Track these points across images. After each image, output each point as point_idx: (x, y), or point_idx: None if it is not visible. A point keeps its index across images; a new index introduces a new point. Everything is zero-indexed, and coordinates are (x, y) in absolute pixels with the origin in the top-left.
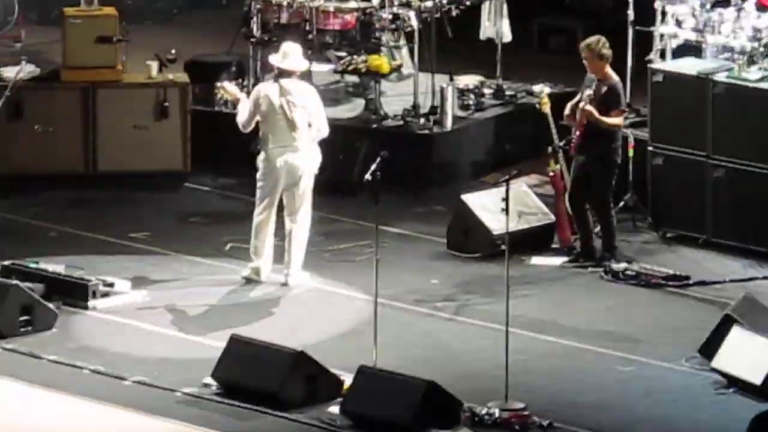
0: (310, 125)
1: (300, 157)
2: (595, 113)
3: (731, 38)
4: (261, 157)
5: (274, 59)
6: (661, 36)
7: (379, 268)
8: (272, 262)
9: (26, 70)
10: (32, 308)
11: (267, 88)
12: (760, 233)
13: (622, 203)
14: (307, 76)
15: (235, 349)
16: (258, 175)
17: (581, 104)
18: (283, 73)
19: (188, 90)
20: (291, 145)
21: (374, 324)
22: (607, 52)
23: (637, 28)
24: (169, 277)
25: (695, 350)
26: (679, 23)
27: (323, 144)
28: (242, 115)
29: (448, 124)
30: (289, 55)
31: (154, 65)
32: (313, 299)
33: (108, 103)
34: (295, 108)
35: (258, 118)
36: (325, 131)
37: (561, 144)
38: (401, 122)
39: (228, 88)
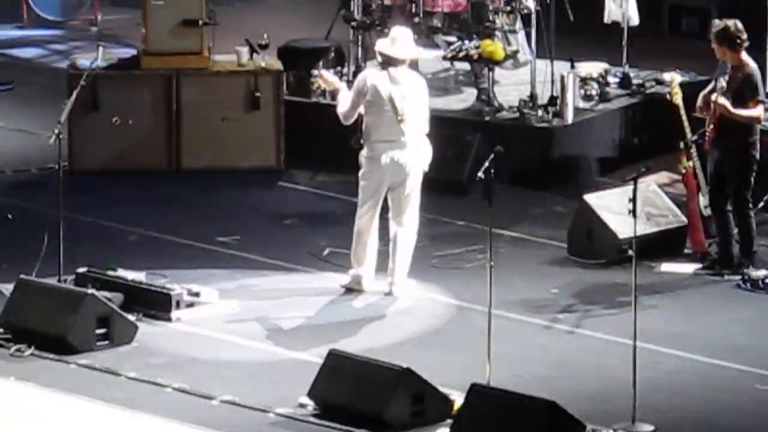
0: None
1: (408, 153)
2: (729, 106)
3: None
4: (364, 153)
5: (382, 45)
6: None
7: (493, 276)
8: (375, 270)
9: (103, 57)
10: (110, 320)
11: (373, 76)
12: None
13: (761, 204)
14: (414, 63)
15: (334, 366)
16: (360, 173)
17: (714, 96)
18: (391, 61)
19: (281, 78)
20: (398, 140)
21: (488, 337)
22: (742, 36)
23: None
24: (261, 285)
25: None
26: None
27: (431, 138)
28: (343, 106)
29: (569, 116)
30: (399, 41)
31: (244, 51)
32: (419, 310)
33: (193, 93)
34: (404, 99)
35: (361, 109)
36: (426, 128)
37: (694, 138)
38: (517, 114)
39: (326, 76)
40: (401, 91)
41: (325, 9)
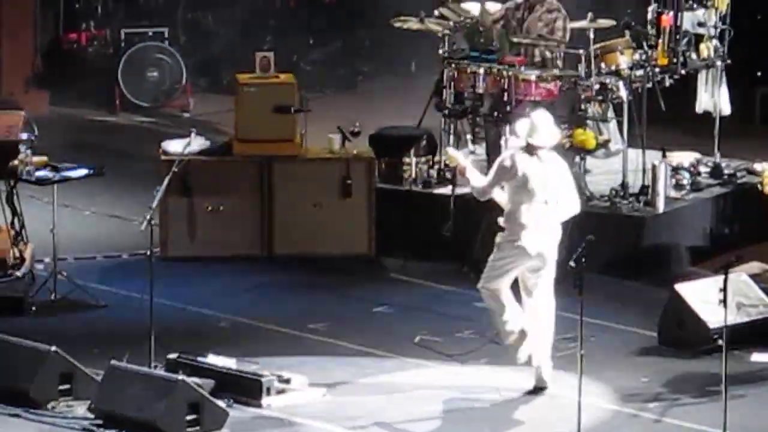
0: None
1: (551, 238)
2: None
3: None
4: (506, 236)
5: (523, 131)
6: None
7: (584, 365)
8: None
9: (195, 142)
10: (200, 406)
11: (524, 162)
12: None
13: None
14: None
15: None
16: (498, 254)
17: None
18: (532, 148)
19: (374, 166)
20: (545, 226)
21: (577, 427)
22: None
23: None
24: (351, 373)
25: None
26: None
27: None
28: (480, 182)
29: (661, 205)
30: (540, 128)
31: (336, 138)
32: (509, 399)
33: (286, 179)
34: (551, 183)
35: (499, 187)
36: (576, 208)
37: None
38: (608, 203)
39: (452, 153)
40: (549, 176)
41: (416, 97)
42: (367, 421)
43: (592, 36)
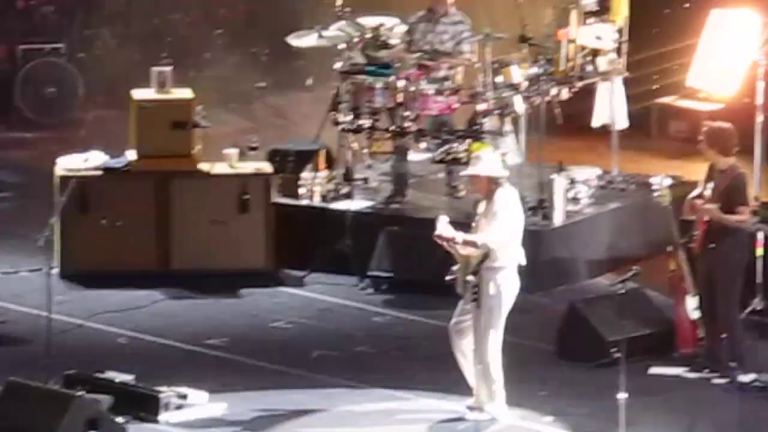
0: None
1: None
2: (716, 212)
3: None
4: (498, 277)
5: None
6: None
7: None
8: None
9: (93, 158)
10: (98, 422)
11: (512, 193)
12: None
13: (750, 308)
14: None
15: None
16: (494, 300)
17: (700, 201)
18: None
19: (271, 181)
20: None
21: None
22: (733, 140)
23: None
24: (250, 388)
25: None
26: None
27: (418, 242)
28: (503, 234)
29: (558, 219)
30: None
31: (234, 154)
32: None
33: (183, 195)
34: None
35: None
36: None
37: (682, 241)
38: None
39: (443, 234)
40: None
41: (315, 111)
42: None
43: (489, 50)
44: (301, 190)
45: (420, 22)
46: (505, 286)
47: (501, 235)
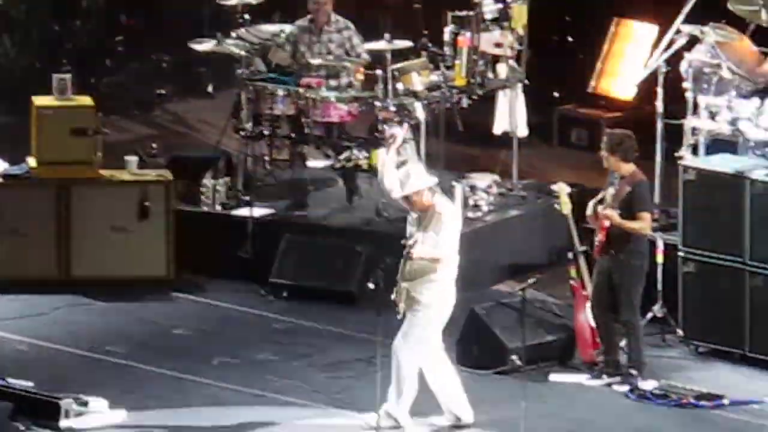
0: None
1: None
2: (616, 218)
3: None
4: (435, 289)
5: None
6: (693, 130)
7: (380, 383)
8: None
9: None
10: None
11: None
12: None
13: (650, 315)
14: None
15: None
16: (432, 310)
17: (601, 207)
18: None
19: (172, 188)
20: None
21: None
22: (633, 147)
23: (666, 120)
24: (150, 396)
25: None
26: (712, 115)
27: (319, 249)
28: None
29: None
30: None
31: (134, 160)
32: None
33: (83, 202)
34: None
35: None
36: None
37: (583, 249)
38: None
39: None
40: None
41: (216, 118)
42: None
43: (389, 57)
44: (202, 198)
45: (303, 33)
46: (444, 299)
47: (454, 246)
